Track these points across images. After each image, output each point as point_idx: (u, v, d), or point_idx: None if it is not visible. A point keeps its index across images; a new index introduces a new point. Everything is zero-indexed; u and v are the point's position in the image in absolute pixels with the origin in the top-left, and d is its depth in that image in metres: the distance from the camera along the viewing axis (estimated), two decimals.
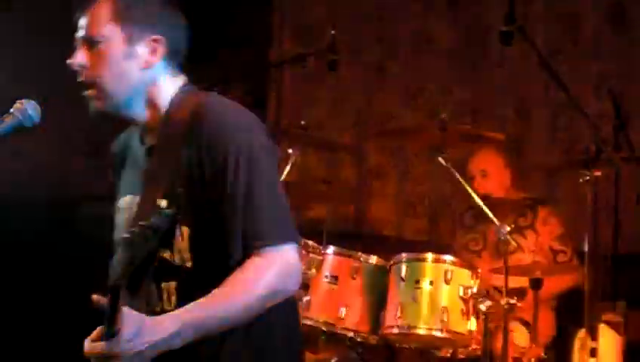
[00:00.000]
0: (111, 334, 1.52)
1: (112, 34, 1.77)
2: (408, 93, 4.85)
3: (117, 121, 1.88)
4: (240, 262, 1.67)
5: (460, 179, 3.26)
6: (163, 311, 1.70)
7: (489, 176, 3.73)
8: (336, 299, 3.25)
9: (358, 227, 4.97)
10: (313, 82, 5.15)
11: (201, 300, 1.62)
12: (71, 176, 5.11)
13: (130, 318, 1.54)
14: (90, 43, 1.78)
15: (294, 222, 1.75)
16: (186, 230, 1.73)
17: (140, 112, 1.83)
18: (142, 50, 1.79)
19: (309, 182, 4.14)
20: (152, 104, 1.83)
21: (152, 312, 1.69)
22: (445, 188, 4.62)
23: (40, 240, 4.62)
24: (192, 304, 1.62)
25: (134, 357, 1.55)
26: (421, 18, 4.79)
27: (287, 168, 3.62)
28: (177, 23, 1.84)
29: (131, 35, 1.78)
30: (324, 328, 3.27)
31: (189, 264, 1.74)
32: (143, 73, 1.80)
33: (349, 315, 3.22)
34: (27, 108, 1.73)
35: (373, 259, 3.31)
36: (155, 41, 1.79)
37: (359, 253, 3.30)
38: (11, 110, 1.73)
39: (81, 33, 1.79)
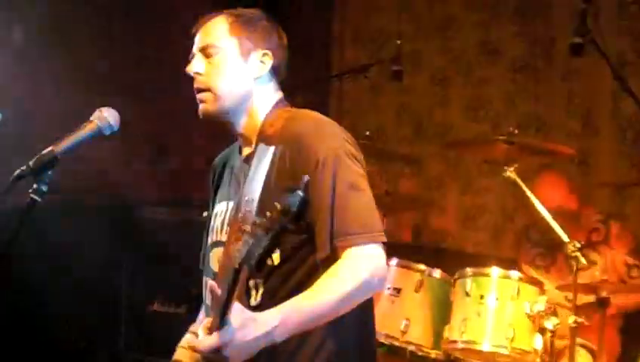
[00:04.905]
0: (223, 323, 1.55)
1: (228, 46, 1.95)
2: (470, 105, 4.79)
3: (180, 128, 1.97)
4: (325, 261, 1.76)
5: (529, 194, 3.18)
6: (249, 308, 1.76)
7: (552, 203, 3.58)
8: (398, 311, 3.21)
9: (418, 239, 4.93)
10: (374, 92, 5.14)
11: (298, 297, 1.71)
12: (131, 182, 5.19)
13: (237, 309, 1.59)
14: (208, 53, 1.94)
15: (381, 221, 1.83)
16: None
17: (241, 120, 1.97)
18: (253, 62, 1.96)
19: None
20: (252, 114, 1.97)
21: None
22: (507, 201, 4.55)
23: (99, 242, 4.70)
24: (290, 301, 1.70)
25: (242, 349, 1.59)
26: (486, 29, 4.73)
27: None
28: (282, 43, 2.02)
29: (245, 48, 1.95)
30: (384, 341, 3.24)
31: (276, 261, 1.82)
32: (252, 84, 1.96)
33: (411, 328, 3.18)
34: (107, 117, 1.75)
35: (437, 273, 3.26)
36: (264, 54, 1.97)
37: (423, 266, 3.27)
38: (92, 118, 1.74)
39: (198, 45, 1.96)
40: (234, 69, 1.94)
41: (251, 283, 1.85)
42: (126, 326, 4.49)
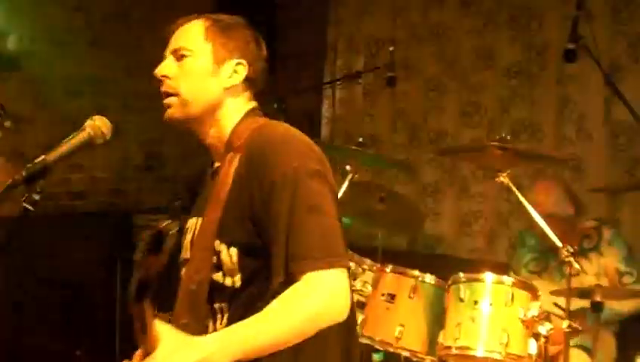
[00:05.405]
0: (150, 350, 1.48)
1: (201, 50, 1.86)
2: (465, 111, 4.80)
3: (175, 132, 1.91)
4: (282, 285, 1.65)
5: (522, 199, 3.19)
6: (215, 331, 1.72)
7: (549, 208, 3.59)
8: (392, 317, 3.21)
9: (413, 245, 4.93)
10: (368, 98, 5.14)
11: (243, 322, 1.60)
12: (126, 189, 5.19)
13: (168, 333, 1.52)
14: (180, 56, 1.87)
15: (344, 246, 1.71)
16: (235, 251, 1.77)
17: (209, 130, 1.89)
18: (226, 70, 1.87)
19: (364, 199, 4.11)
20: (220, 124, 1.89)
21: (206, 333, 1.69)
22: (502, 206, 4.56)
23: (95, 250, 4.70)
24: (234, 325, 1.61)
25: None
26: (481, 34, 4.74)
27: (344, 185, 3.61)
28: (260, 54, 1.93)
29: (219, 55, 1.86)
30: (379, 347, 3.24)
31: (237, 284, 1.77)
32: (222, 93, 1.87)
33: (405, 334, 3.17)
34: (100, 125, 1.74)
35: (431, 279, 3.26)
36: (238, 64, 1.88)
37: (417, 272, 3.27)
38: (84, 126, 1.74)
39: (170, 47, 1.89)
40: (204, 76, 1.85)
41: (217, 306, 1.79)
42: (121, 333, 4.48)
